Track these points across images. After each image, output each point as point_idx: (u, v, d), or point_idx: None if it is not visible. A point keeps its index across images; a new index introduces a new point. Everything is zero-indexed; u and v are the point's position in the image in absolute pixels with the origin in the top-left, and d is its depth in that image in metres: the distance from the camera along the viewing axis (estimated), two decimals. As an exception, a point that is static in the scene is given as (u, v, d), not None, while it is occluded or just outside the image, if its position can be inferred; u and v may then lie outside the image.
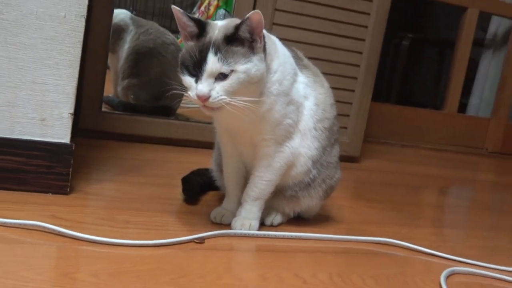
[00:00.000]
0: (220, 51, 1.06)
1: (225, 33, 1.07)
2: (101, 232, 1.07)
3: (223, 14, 2.64)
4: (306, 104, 1.22)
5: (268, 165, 1.20)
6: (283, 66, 1.16)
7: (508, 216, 1.96)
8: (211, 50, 1.06)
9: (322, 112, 1.25)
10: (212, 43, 1.06)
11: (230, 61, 1.05)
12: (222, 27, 1.10)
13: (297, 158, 1.22)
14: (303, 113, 1.22)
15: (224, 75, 1.05)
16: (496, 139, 3.19)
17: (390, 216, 1.61)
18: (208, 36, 1.09)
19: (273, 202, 1.28)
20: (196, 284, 0.94)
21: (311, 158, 1.23)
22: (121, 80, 2.22)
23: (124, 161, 1.67)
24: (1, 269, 0.87)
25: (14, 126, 1.20)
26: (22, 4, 1.16)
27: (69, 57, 1.21)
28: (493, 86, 3.28)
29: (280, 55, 1.17)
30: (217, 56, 1.05)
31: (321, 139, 1.24)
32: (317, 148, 1.24)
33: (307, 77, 1.25)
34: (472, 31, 3.03)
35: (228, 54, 1.06)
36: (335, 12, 2.06)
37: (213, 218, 1.25)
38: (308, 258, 1.17)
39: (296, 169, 1.23)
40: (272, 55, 1.14)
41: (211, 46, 1.06)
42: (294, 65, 1.22)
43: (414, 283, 1.12)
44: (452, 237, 1.55)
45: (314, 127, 1.23)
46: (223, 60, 1.05)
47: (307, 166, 1.24)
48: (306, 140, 1.22)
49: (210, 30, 1.10)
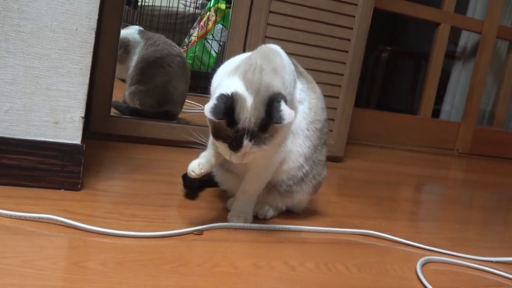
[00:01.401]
0: (254, 137, 1.03)
1: (256, 123, 1.03)
2: (109, 224, 1.06)
3: (220, 29, 2.64)
4: (300, 108, 1.22)
5: (266, 165, 1.19)
6: (287, 76, 1.14)
7: (476, 210, 1.97)
8: (245, 137, 1.03)
9: (314, 114, 1.24)
10: (246, 130, 1.02)
11: (263, 142, 1.05)
12: (252, 110, 1.03)
13: (289, 155, 1.21)
14: (297, 116, 1.21)
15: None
16: (465, 141, 3.20)
17: (371, 210, 1.61)
18: (241, 123, 1.02)
19: (267, 197, 1.28)
20: (195, 272, 0.94)
21: (303, 155, 1.23)
22: (129, 86, 2.21)
23: (130, 160, 1.66)
24: (19, 259, 0.87)
25: (30, 129, 1.19)
26: (38, 18, 1.15)
27: (80, 66, 1.20)
28: (463, 94, 3.29)
29: (286, 67, 1.15)
30: (251, 142, 1.03)
31: (313, 138, 1.24)
32: (308, 146, 1.23)
33: (302, 83, 1.25)
34: (444, 44, 3.04)
35: (261, 139, 1.04)
36: (321, 26, 2.06)
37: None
38: (297, 248, 1.17)
39: (288, 164, 1.22)
40: (283, 76, 1.12)
41: (245, 133, 1.02)
42: (295, 72, 1.21)
43: (393, 270, 1.12)
44: (426, 229, 1.55)
45: (307, 128, 1.23)
46: (257, 144, 1.04)
47: (299, 162, 1.23)
48: (297, 139, 1.22)
49: (241, 115, 1.03)
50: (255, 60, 1.10)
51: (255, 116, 1.03)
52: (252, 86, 1.05)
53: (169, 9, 2.90)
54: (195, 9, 2.98)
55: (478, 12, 3.20)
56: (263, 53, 1.15)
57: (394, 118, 3.08)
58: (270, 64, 1.11)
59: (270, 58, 1.13)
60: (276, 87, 1.06)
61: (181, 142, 1.89)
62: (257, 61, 1.10)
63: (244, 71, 1.08)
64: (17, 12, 1.13)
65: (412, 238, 1.31)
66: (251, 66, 1.09)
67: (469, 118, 3.20)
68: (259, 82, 1.05)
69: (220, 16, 2.64)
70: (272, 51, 1.16)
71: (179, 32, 2.84)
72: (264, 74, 1.07)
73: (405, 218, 1.65)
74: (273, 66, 1.11)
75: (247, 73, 1.07)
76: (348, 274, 1.06)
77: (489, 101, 3.47)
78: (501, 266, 1.26)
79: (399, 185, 2.16)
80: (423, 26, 3.40)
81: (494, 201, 2.22)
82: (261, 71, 1.07)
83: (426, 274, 1.11)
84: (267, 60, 1.12)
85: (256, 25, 1.96)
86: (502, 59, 3.41)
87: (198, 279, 0.91)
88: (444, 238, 1.44)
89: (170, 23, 2.84)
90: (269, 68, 1.09)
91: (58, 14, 1.16)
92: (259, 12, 1.95)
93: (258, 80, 1.06)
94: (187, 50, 2.65)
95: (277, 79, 1.09)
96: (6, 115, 1.16)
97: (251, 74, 1.07)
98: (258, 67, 1.08)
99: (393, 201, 1.83)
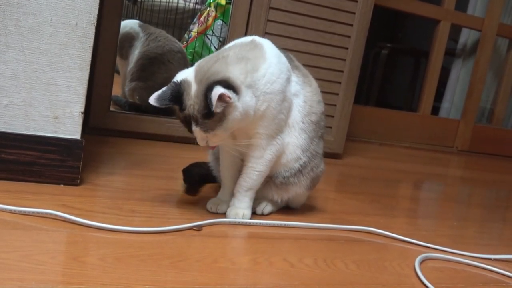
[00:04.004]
0: (200, 123, 1.07)
1: (199, 110, 1.06)
2: (108, 220, 1.06)
3: (220, 25, 2.63)
4: (295, 101, 1.22)
5: (260, 156, 1.19)
6: (272, 67, 1.14)
7: (475, 208, 1.97)
8: (193, 122, 1.08)
9: (309, 107, 1.25)
10: (191, 116, 1.07)
11: (211, 128, 1.07)
12: (195, 97, 1.07)
13: (286, 147, 1.22)
14: (293, 109, 1.21)
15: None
16: (465, 139, 3.21)
17: (370, 207, 1.62)
18: (187, 110, 1.08)
19: (263, 191, 1.28)
20: (194, 267, 0.94)
21: (300, 147, 1.23)
22: (129, 82, 2.21)
23: (130, 156, 1.66)
24: (18, 253, 0.87)
25: (29, 124, 1.19)
26: (38, 13, 1.15)
27: (80, 61, 1.20)
28: (463, 91, 3.29)
29: (268, 58, 1.14)
30: (198, 127, 1.08)
31: (308, 131, 1.24)
32: (304, 138, 1.23)
33: (297, 76, 1.25)
34: (445, 42, 3.04)
35: (207, 125, 1.07)
36: (321, 23, 2.06)
37: (209, 207, 1.25)
38: (295, 244, 1.17)
39: (286, 156, 1.23)
40: (256, 64, 1.12)
41: (192, 119, 1.08)
42: (287, 64, 1.21)
43: (392, 267, 1.12)
44: (425, 226, 1.55)
45: (302, 120, 1.23)
46: (205, 129, 1.07)
47: (296, 153, 1.23)
48: (293, 132, 1.22)
49: (187, 101, 1.07)
50: (227, 49, 1.15)
51: (198, 104, 1.06)
52: (199, 74, 1.08)
53: (169, 4, 2.89)
54: (195, 5, 2.98)
55: (478, 10, 3.20)
56: (242, 43, 1.18)
57: (393, 115, 3.08)
58: (241, 53, 1.12)
59: (246, 48, 1.15)
60: (223, 74, 1.07)
61: (181, 137, 1.89)
62: (226, 51, 1.13)
63: (204, 60, 1.13)
64: (17, 6, 1.13)
65: (411, 235, 1.31)
66: (215, 55, 1.13)
67: (468, 115, 3.21)
68: (206, 70, 1.08)
69: (220, 12, 2.64)
70: (253, 43, 1.17)
71: (179, 28, 2.83)
72: (220, 63, 1.09)
73: (404, 215, 1.65)
74: (243, 55, 1.12)
75: (203, 62, 1.12)
76: (346, 270, 1.06)
77: (488, 98, 3.47)
78: (499, 263, 1.26)
79: (398, 182, 2.16)
80: (423, 23, 3.41)
81: (493, 199, 2.22)
82: (218, 60, 1.10)
83: (424, 271, 1.11)
84: (242, 49, 1.14)
85: (256, 21, 1.96)
86: (502, 57, 3.42)
87: (197, 275, 0.91)
88: (442, 235, 1.44)
89: (170, 18, 2.84)
90: (235, 57, 1.11)
91: (58, 9, 1.16)
92: (259, 8, 1.95)
93: (206, 69, 1.09)
94: (187, 45, 2.64)
95: (236, 66, 1.10)
96: (5, 110, 1.16)
97: (205, 63, 1.11)
98: (221, 56, 1.11)
99: (392, 198, 1.83)
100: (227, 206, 1.24)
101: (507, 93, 3.42)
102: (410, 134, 3.07)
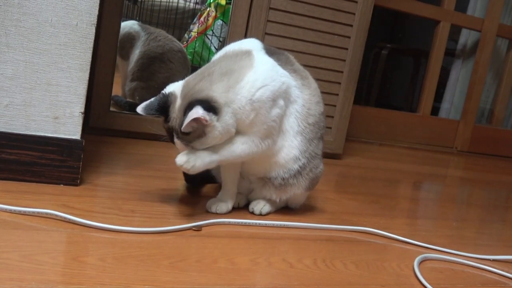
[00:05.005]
0: (180, 138, 1.10)
1: (180, 124, 1.07)
2: (108, 220, 1.06)
3: (220, 25, 2.63)
4: (293, 107, 1.22)
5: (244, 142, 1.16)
6: (259, 74, 1.13)
7: (474, 208, 1.97)
8: (175, 136, 1.11)
9: (307, 110, 1.24)
10: (173, 129, 1.11)
11: (191, 142, 1.10)
12: (178, 112, 1.10)
13: (281, 149, 1.22)
14: (289, 116, 1.21)
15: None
16: (464, 139, 3.21)
17: (369, 207, 1.62)
18: (170, 122, 1.12)
19: (262, 191, 1.28)
20: (194, 267, 0.94)
21: (298, 148, 1.23)
22: (130, 82, 2.21)
23: (130, 156, 1.66)
24: (18, 253, 0.87)
25: (30, 124, 1.19)
26: (38, 13, 1.15)
27: (80, 62, 1.20)
28: (463, 92, 3.29)
29: (255, 66, 1.14)
30: (179, 140, 1.11)
31: (305, 133, 1.24)
32: (301, 140, 1.23)
33: (295, 80, 1.24)
34: (444, 42, 3.04)
35: (187, 139, 1.10)
36: (321, 23, 2.06)
37: (208, 208, 1.25)
38: (295, 245, 1.17)
39: (283, 157, 1.22)
40: (241, 73, 1.12)
41: (173, 131, 1.11)
42: (282, 72, 1.20)
43: (391, 268, 1.12)
44: (424, 227, 1.56)
45: (298, 124, 1.23)
46: (185, 143, 1.11)
47: (294, 154, 1.23)
48: (289, 136, 1.22)
49: (171, 114, 1.11)
50: (216, 61, 1.17)
51: (179, 118, 1.09)
52: (185, 90, 1.11)
53: (169, 4, 2.89)
54: (195, 5, 2.98)
55: (478, 10, 3.20)
56: (233, 53, 1.18)
57: (393, 116, 3.08)
58: (227, 66, 1.13)
59: (235, 59, 1.16)
60: (206, 93, 1.09)
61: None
62: (213, 65, 1.15)
63: (192, 75, 1.15)
64: (17, 7, 1.13)
65: (410, 236, 1.32)
66: (202, 71, 1.14)
67: (468, 116, 3.21)
68: (191, 87, 1.11)
69: (220, 12, 2.64)
70: (242, 51, 1.18)
71: (179, 28, 2.83)
72: (205, 81, 1.11)
73: (403, 215, 1.66)
74: (228, 68, 1.13)
75: (191, 77, 1.14)
76: (345, 271, 1.06)
77: (488, 99, 3.47)
78: (498, 264, 1.26)
79: (398, 182, 2.17)
80: (423, 23, 3.41)
81: (492, 199, 2.22)
82: (204, 78, 1.12)
83: (423, 272, 1.11)
84: (229, 61, 1.15)
85: (256, 21, 1.96)
86: (501, 57, 3.42)
87: (197, 275, 0.92)
88: (441, 236, 1.45)
89: (170, 18, 2.84)
90: (220, 73, 1.12)
91: (58, 9, 1.16)
92: (259, 9, 1.95)
93: (192, 86, 1.11)
94: (187, 45, 2.65)
95: (219, 84, 1.10)
96: (5, 110, 1.16)
97: (192, 79, 1.13)
98: (206, 73, 1.13)
99: (391, 198, 1.84)
100: (227, 206, 1.25)
101: (507, 94, 3.42)
102: (410, 135, 3.07)
